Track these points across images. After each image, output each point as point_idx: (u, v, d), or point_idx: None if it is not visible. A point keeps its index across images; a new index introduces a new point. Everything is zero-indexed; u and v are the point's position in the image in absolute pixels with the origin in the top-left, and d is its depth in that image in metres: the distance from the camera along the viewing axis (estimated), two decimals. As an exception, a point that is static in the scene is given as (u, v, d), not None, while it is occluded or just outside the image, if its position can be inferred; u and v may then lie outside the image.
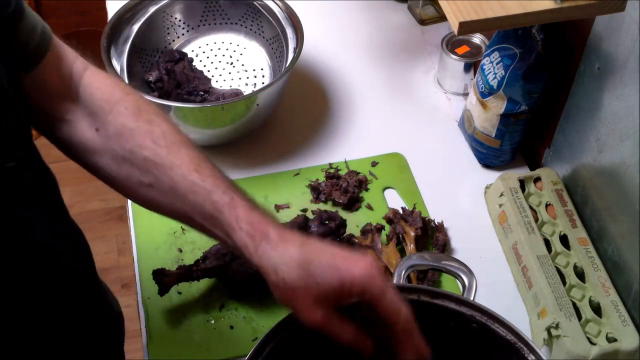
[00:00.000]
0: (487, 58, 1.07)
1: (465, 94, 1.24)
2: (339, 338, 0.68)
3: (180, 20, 1.25)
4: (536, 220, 1.01)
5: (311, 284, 0.66)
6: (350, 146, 1.18)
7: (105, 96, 0.76)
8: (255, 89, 1.21)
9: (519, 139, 1.12)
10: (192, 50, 1.26)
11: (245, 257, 0.70)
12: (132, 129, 0.74)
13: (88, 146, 0.77)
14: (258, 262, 0.68)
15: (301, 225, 0.97)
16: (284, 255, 0.67)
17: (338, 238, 1.00)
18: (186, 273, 0.95)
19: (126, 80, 1.14)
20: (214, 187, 0.71)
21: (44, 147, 0.81)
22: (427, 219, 1.05)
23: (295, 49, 1.14)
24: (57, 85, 0.75)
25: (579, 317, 0.91)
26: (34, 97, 0.74)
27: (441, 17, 1.37)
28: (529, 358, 0.73)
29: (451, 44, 1.24)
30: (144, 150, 0.73)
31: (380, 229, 1.04)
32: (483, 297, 0.81)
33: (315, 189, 1.11)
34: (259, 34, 1.25)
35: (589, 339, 0.89)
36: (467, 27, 0.77)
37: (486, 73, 1.07)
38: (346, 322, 0.68)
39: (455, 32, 0.78)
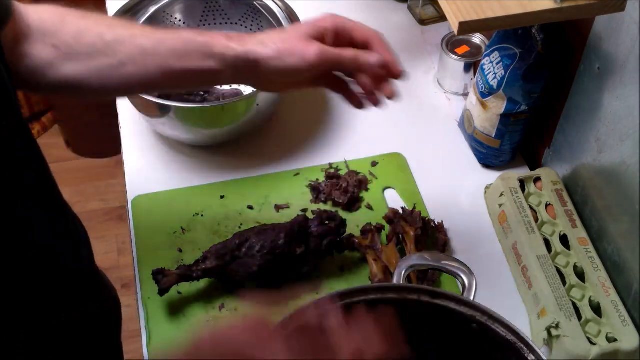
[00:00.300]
0: (487, 58, 1.07)
1: (465, 94, 1.24)
2: (343, 55, 0.79)
3: (180, 20, 1.25)
4: (536, 220, 1.01)
5: (291, 33, 0.79)
6: (350, 146, 1.18)
7: (49, 14, 0.79)
8: (255, 89, 1.20)
9: (519, 139, 1.12)
10: (192, 50, 1.26)
11: (233, 58, 0.78)
12: (86, 26, 0.79)
13: (48, 63, 0.78)
14: (244, 50, 0.78)
15: (301, 224, 0.97)
16: (261, 35, 0.80)
17: (338, 238, 0.99)
18: (186, 273, 0.95)
19: (126, 80, 1.14)
20: (178, 31, 0.83)
21: (45, 147, 0.81)
22: (427, 219, 1.05)
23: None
24: (11, 34, 0.76)
25: (579, 317, 0.91)
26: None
27: (441, 17, 1.37)
28: (529, 358, 0.73)
29: (451, 44, 1.24)
30: (104, 36, 0.78)
31: (380, 229, 1.04)
32: (483, 297, 0.81)
33: (315, 189, 1.11)
34: (259, 34, 1.25)
35: (589, 339, 0.89)
36: (467, 27, 0.77)
37: (486, 73, 1.07)
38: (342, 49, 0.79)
39: (455, 32, 0.78)
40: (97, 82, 0.79)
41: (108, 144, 2.04)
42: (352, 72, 0.82)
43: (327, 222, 1.00)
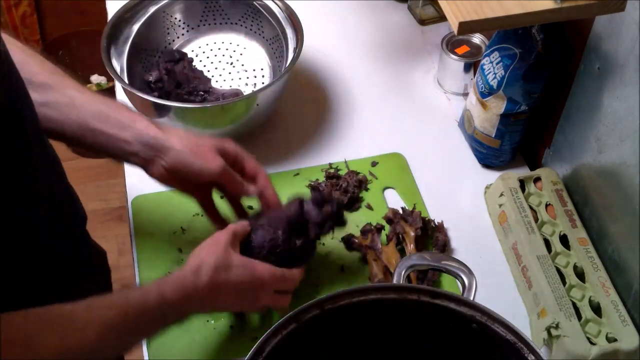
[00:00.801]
0: (487, 58, 1.07)
1: (465, 94, 1.24)
2: (235, 181, 0.89)
3: (180, 20, 1.25)
4: (536, 220, 1.01)
5: (206, 141, 0.88)
6: (350, 146, 1.18)
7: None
8: (255, 89, 1.20)
9: (519, 139, 1.12)
10: (192, 50, 1.26)
11: (149, 137, 0.85)
12: (24, 60, 0.80)
13: None
14: (162, 135, 0.86)
15: (298, 215, 0.93)
16: (178, 132, 0.88)
17: (336, 225, 0.96)
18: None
19: (126, 80, 1.14)
20: (110, 100, 0.86)
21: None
22: (427, 219, 1.05)
23: (295, 49, 1.14)
24: None
25: (579, 317, 0.91)
26: None
27: (441, 17, 1.37)
28: (529, 358, 0.73)
29: (451, 44, 1.24)
30: (38, 76, 0.82)
31: (380, 229, 1.04)
32: (483, 297, 0.81)
33: (315, 189, 1.11)
34: (259, 34, 1.25)
35: (589, 339, 0.89)
36: (467, 27, 0.77)
37: (486, 73, 1.07)
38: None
39: (455, 32, 0.78)
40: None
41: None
42: (229, 192, 0.94)
43: (323, 204, 0.96)
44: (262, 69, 1.24)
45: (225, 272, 0.80)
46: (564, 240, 0.99)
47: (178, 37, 1.26)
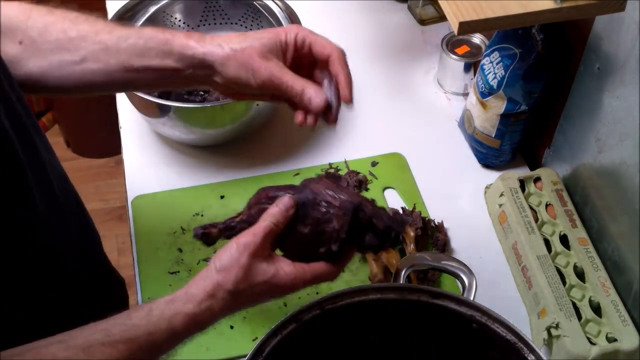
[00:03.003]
0: (487, 58, 1.07)
1: (465, 94, 1.24)
2: (293, 86, 0.77)
3: (180, 20, 1.25)
4: (536, 220, 1.01)
5: (253, 42, 0.77)
6: (350, 146, 1.18)
7: (16, 11, 0.79)
8: (255, 89, 1.20)
9: (519, 139, 1.12)
10: (192, 50, 1.26)
11: (190, 58, 0.78)
12: (51, 22, 0.79)
13: (17, 59, 0.78)
14: (203, 50, 0.77)
15: (350, 224, 0.74)
16: (222, 37, 0.79)
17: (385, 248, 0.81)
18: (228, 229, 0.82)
19: (126, 80, 1.14)
20: (141, 28, 0.81)
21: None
22: (427, 219, 1.05)
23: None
24: None
25: (579, 317, 0.91)
26: None
27: (441, 17, 1.37)
28: (529, 358, 0.73)
29: (451, 44, 1.24)
30: (68, 32, 0.78)
31: (380, 229, 1.04)
32: (483, 297, 0.81)
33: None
34: (259, 34, 1.25)
35: (589, 339, 0.89)
36: (467, 27, 0.77)
37: (486, 73, 1.07)
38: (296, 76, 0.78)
39: (455, 32, 0.78)
40: (57, 78, 0.79)
41: (108, 144, 2.04)
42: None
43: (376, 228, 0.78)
44: (262, 69, 1.24)
45: (244, 294, 0.72)
46: (564, 240, 0.99)
47: (178, 37, 1.26)
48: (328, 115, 0.79)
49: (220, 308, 0.71)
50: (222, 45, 0.78)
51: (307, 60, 0.81)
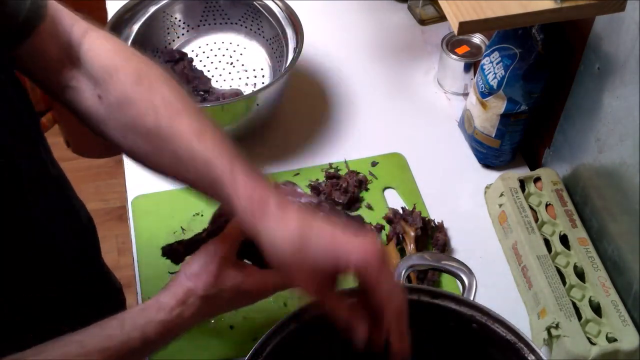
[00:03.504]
0: (487, 58, 1.07)
1: (465, 94, 1.24)
2: (338, 316, 0.69)
3: (180, 20, 1.25)
4: (536, 220, 1.01)
5: (307, 262, 0.66)
6: (350, 146, 1.18)
7: (106, 62, 0.74)
8: (255, 89, 1.21)
9: (519, 139, 1.12)
10: (192, 50, 1.26)
11: (246, 225, 0.69)
12: (133, 98, 0.73)
13: (92, 114, 0.76)
14: (257, 234, 0.68)
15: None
16: (282, 230, 0.67)
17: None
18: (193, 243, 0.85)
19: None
20: (213, 156, 0.71)
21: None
22: (427, 219, 1.05)
23: (295, 49, 1.14)
24: (56, 53, 0.74)
25: (579, 317, 0.91)
26: (33, 68, 0.73)
27: (441, 17, 1.37)
28: (529, 358, 0.73)
29: (451, 44, 1.24)
30: (145, 121, 0.72)
31: (380, 229, 1.04)
32: (483, 297, 0.81)
33: (315, 189, 1.11)
34: (259, 34, 1.25)
35: (589, 339, 0.89)
36: (467, 27, 0.77)
37: (486, 73, 1.07)
38: (342, 300, 0.69)
39: (455, 32, 0.78)
40: (129, 152, 0.77)
41: (108, 144, 2.04)
42: None
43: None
44: (262, 69, 1.24)
45: (214, 299, 0.73)
46: (564, 240, 0.99)
47: (178, 37, 1.26)
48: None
49: (191, 314, 0.72)
50: (274, 245, 0.67)
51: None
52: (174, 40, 1.25)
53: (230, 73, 1.25)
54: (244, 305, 0.79)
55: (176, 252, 0.81)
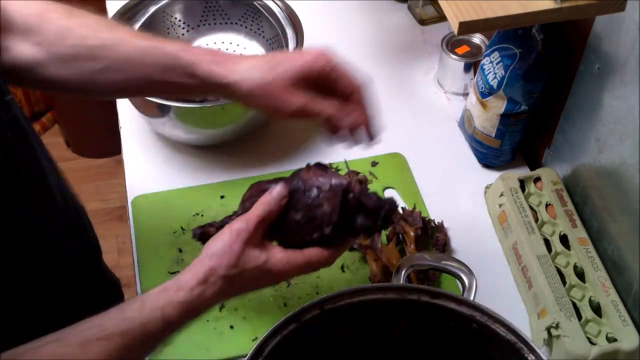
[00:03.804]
0: (487, 58, 1.07)
1: (465, 94, 1.24)
2: (321, 115, 0.78)
3: (180, 20, 1.25)
4: (536, 220, 1.01)
5: (279, 74, 0.76)
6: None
7: (32, 9, 0.77)
8: (255, 89, 1.20)
9: (519, 139, 1.12)
10: (192, 50, 1.26)
11: (216, 84, 0.76)
12: (69, 27, 0.77)
13: (33, 62, 0.77)
14: (227, 80, 0.76)
15: (339, 211, 0.76)
16: (248, 64, 0.77)
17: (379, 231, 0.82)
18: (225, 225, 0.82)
19: (126, 80, 1.14)
20: (162, 42, 0.78)
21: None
22: (427, 219, 1.05)
23: (295, 49, 1.14)
24: None
25: (579, 317, 0.91)
26: None
27: (441, 17, 1.37)
28: (529, 358, 0.73)
29: (451, 44, 1.24)
30: (86, 40, 0.77)
31: (380, 229, 1.04)
32: (483, 297, 0.81)
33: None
34: (259, 34, 1.25)
35: (589, 339, 0.89)
36: (467, 27, 0.77)
37: (486, 73, 1.07)
38: (327, 99, 0.78)
39: (455, 32, 0.78)
40: (79, 84, 0.79)
41: (108, 144, 2.04)
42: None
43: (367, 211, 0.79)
44: (262, 69, 1.24)
45: (236, 279, 0.73)
46: (564, 240, 0.99)
47: (178, 37, 1.26)
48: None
49: (212, 293, 0.72)
50: (248, 77, 0.76)
51: (328, 89, 0.80)
52: (174, 40, 1.25)
53: (230, 73, 1.25)
54: (266, 286, 0.79)
55: (208, 234, 0.80)
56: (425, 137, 1.21)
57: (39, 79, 0.78)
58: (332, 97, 0.79)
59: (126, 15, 1.17)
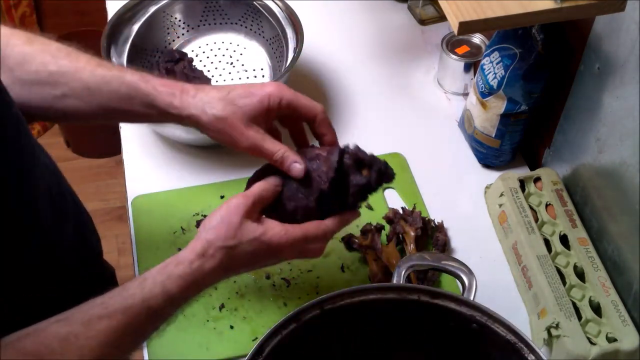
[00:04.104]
0: (487, 58, 1.07)
1: (465, 94, 1.24)
2: (274, 155, 0.80)
3: (180, 20, 1.25)
4: (536, 220, 1.01)
5: (236, 109, 0.79)
6: (350, 146, 1.18)
7: None
8: (255, 89, 1.20)
9: (519, 139, 1.12)
10: (192, 50, 1.26)
11: (174, 115, 0.79)
12: (30, 53, 0.79)
13: None
14: (187, 113, 0.79)
15: (335, 176, 0.79)
16: (206, 97, 0.79)
17: (374, 190, 0.83)
18: None
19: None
20: (122, 72, 0.80)
21: (45, 147, 0.81)
22: (427, 219, 1.05)
23: (295, 49, 1.14)
24: None
25: (579, 317, 0.91)
26: None
27: (441, 17, 1.37)
28: (529, 358, 0.73)
29: (451, 44, 1.24)
30: (48, 66, 0.78)
31: (380, 229, 1.04)
32: (483, 297, 0.81)
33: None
34: (259, 34, 1.25)
35: (589, 339, 0.89)
36: (467, 27, 0.77)
37: (486, 73, 1.07)
38: (278, 141, 0.81)
39: (455, 32, 0.78)
40: (37, 108, 0.79)
41: (108, 144, 2.04)
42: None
43: (363, 167, 0.83)
44: (262, 69, 1.24)
45: (236, 250, 0.74)
46: (564, 240, 0.99)
47: (178, 37, 1.26)
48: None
49: (211, 266, 0.73)
50: (206, 111, 0.79)
51: (291, 117, 0.84)
52: (174, 40, 1.25)
53: (230, 73, 1.25)
54: (267, 264, 0.80)
55: None
56: (425, 137, 1.21)
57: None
58: (288, 124, 0.86)
59: (126, 15, 1.17)
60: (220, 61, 1.26)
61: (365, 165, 0.81)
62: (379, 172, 0.81)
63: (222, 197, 1.10)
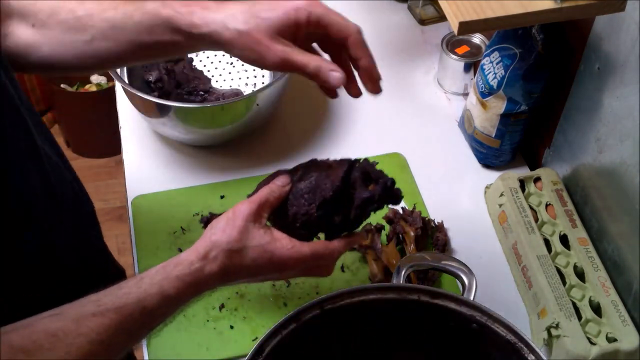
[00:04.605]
0: (487, 58, 1.07)
1: (465, 94, 1.24)
2: (307, 66, 0.73)
3: (180, 20, 1.25)
4: (536, 220, 1.01)
5: (260, 22, 0.72)
6: (350, 146, 1.18)
7: None
8: (255, 89, 1.21)
9: (519, 139, 1.12)
10: (192, 50, 1.26)
11: (197, 35, 0.74)
12: (58, 6, 0.78)
13: (32, 44, 0.79)
14: (207, 30, 0.73)
15: (340, 186, 0.79)
16: (228, 12, 0.73)
17: (378, 205, 0.82)
18: None
19: (126, 80, 1.14)
20: (142, 4, 0.77)
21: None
22: (427, 219, 1.05)
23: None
24: None
25: (579, 317, 0.91)
26: None
27: (441, 17, 1.37)
28: (529, 358, 0.73)
29: (451, 44, 1.24)
30: (75, 12, 0.78)
31: (380, 229, 1.04)
32: (483, 297, 0.81)
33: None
34: (259, 34, 1.25)
35: (589, 339, 0.89)
36: (467, 27, 0.77)
37: (486, 73, 1.07)
38: (309, 52, 0.74)
39: (455, 32, 0.78)
40: (73, 59, 0.79)
41: (108, 144, 2.04)
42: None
43: (370, 183, 0.82)
44: (262, 69, 1.24)
45: (238, 256, 0.72)
46: (564, 240, 0.99)
47: (178, 37, 1.26)
48: (350, 86, 0.79)
49: (211, 270, 0.71)
50: (227, 26, 0.73)
51: (322, 37, 0.77)
52: (174, 40, 1.25)
53: (230, 73, 1.25)
54: (269, 277, 0.77)
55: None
56: (425, 137, 1.21)
57: (37, 61, 0.79)
58: (329, 49, 0.78)
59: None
60: (220, 61, 1.26)
61: (373, 181, 0.80)
62: (384, 187, 0.80)
63: (222, 197, 1.10)
